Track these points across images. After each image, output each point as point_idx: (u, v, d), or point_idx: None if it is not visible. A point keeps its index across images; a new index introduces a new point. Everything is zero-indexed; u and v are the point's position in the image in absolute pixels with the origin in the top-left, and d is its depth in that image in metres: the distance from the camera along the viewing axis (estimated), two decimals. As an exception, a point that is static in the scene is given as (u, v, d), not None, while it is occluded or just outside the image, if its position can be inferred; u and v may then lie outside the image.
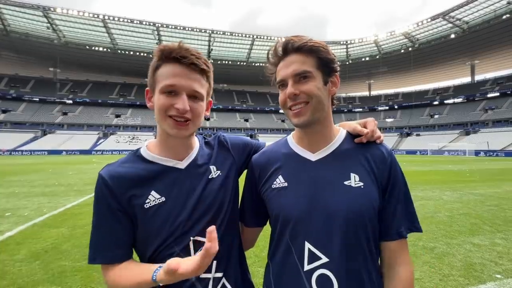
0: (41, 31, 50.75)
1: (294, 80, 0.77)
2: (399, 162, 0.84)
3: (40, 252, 3.55)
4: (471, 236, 4.18)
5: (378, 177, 0.79)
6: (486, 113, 52.70)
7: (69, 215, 5.49)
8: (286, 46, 0.78)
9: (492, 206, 6.22)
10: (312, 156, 0.83)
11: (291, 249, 0.77)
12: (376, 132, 0.85)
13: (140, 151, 0.85)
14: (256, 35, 56.86)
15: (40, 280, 2.81)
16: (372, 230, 0.77)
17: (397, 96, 73.51)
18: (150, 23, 51.05)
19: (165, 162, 0.82)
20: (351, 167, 0.79)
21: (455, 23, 48.92)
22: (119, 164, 0.81)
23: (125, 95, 67.73)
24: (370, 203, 0.76)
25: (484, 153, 38.91)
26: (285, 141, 0.91)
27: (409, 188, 0.83)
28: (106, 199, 0.76)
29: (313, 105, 0.77)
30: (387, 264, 0.80)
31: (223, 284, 0.82)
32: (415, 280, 2.76)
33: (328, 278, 0.72)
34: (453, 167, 17.98)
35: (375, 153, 0.82)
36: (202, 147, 0.92)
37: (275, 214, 0.81)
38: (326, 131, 0.83)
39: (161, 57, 0.77)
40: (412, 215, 0.81)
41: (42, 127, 54.06)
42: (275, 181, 0.83)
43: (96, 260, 0.76)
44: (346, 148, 0.83)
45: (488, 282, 2.76)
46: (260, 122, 68.46)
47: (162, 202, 0.78)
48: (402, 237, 0.78)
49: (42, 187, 9.19)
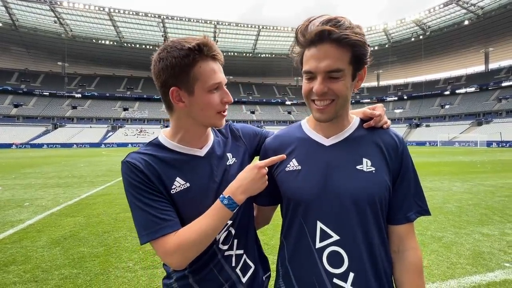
0: (48, 26, 51.29)
1: (325, 76, 0.73)
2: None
3: (59, 239, 3.74)
4: (480, 226, 4.17)
5: (390, 163, 0.81)
6: (499, 103, 51.01)
7: (84, 205, 5.71)
8: (323, 33, 0.69)
9: (503, 197, 6.14)
10: (326, 141, 0.85)
11: (304, 228, 0.82)
12: (383, 117, 0.88)
13: (159, 140, 0.87)
14: (262, 25, 56.06)
15: (62, 264, 2.98)
16: (382, 213, 0.80)
17: (406, 86, 71.77)
18: (155, 15, 50.86)
19: (185, 150, 0.85)
20: (364, 153, 0.82)
21: (469, 9, 46.91)
22: (141, 152, 0.82)
23: (132, 88, 68.29)
24: (380, 187, 0.79)
25: (496, 144, 37.96)
26: (299, 125, 0.94)
27: (418, 175, 0.86)
28: (141, 179, 0.76)
29: (339, 104, 0.76)
30: (395, 249, 0.83)
31: (244, 260, 0.90)
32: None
33: (339, 254, 0.77)
34: (464, 158, 17.66)
35: (387, 141, 0.84)
36: (217, 135, 0.97)
37: (288, 195, 0.85)
38: (341, 119, 0.85)
39: (196, 54, 0.75)
40: (421, 198, 0.84)
41: (53, 121, 55.30)
42: (289, 164, 0.86)
43: (151, 235, 0.73)
44: (359, 135, 0.85)
45: (496, 270, 2.78)
46: (267, 114, 68.22)
47: (187, 187, 0.81)
48: (410, 221, 0.81)
49: (56, 178, 9.51)
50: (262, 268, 0.98)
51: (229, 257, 0.87)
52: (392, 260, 0.83)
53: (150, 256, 3.18)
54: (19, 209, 5.40)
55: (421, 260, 0.82)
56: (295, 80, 78.67)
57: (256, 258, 0.96)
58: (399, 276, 0.82)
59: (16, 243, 3.60)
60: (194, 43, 0.74)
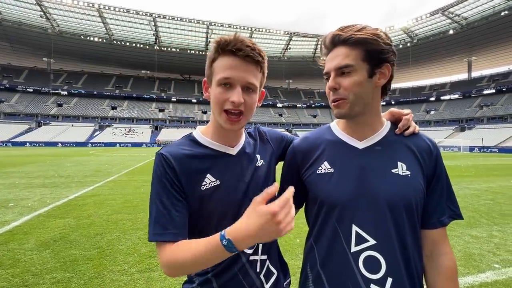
0: (34, 20, 49.56)
1: (336, 73, 0.78)
2: None
3: (49, 241, 3.59)
4: (469, 228, 4.31)
5: (425, 168, 0.82)
6: (481, 110, 53.28)
7: (73, 206, 5.52)
8: (333, 38, 0.79)
9: (488, 200, 6.39)
10: (359, 144, 0.85)
11: (338, 232, 0.80)
12: (411, 120, 0.89)
13: (194, 135, 0.88)
14: (255, 27, 56.29)
15: (53, 268, 2.86)
16: (417, 217, 0.80)
17: (394, 92, 73.75)
18: (146, 13, 50.07)
19: (218, 147, 0.86)
20: (398, 156, 0.82)
21: (454, 19, 48.89)
22: (177, 145, 0.84)
23: (121, 87, 66.85)
24: (416, 191, 0.78)
25: (478, 149, 39.51)
26: (328, 127, 0.94)
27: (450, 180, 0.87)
28: (170, 177, 0.77)
29: (351, 101, 0.78)
30: (428, 254, 0.82)
31: (267, 266, 0.89)
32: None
33: (376, 259, 0.75)
34: (449, 162, 18.27)
35: (421, 145, 0.84)
36: (247, 136, 0.97)
37: (321, 198, 0.83)
38: (372, 120, 0.84)
39: (217, 49, 0.78)
40: (454, 203, 0.84)
41: (37, 118, 53.30)
42: (320, 167, 0.85)
43: (163, 236, 0.74)
44: (392, 138, 0.85)
45: (487, 271, 2.88)
46: (257, 115, 68.16)
47: (217, 185, 0.82)
48: (444, 225, 0.82)
49: (42, 178, 9.16)
50: (283, 275, 0.98)
51: (254, 262, 0.85)
52: (425, 266, 0.82)
53: (146, 258, 3.10)
54: (3, 209, 5.16)
55: (455, 264, 0.81)
56: (286, 83, 79.34)
57: (277, 264, 0.95)
58: (433, 281, 0.81)
59: (2, 246, 3.43)
60: (220, 38, 0.78)
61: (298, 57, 66.94)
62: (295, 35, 60.01)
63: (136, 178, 9.56)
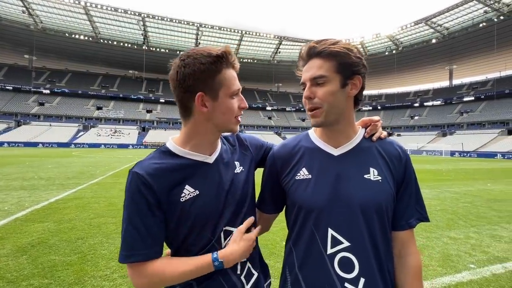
0: (15, 15, 47.69)
1: (311, 83, 0.84)
2: None
3: (26, 246, 3.44)
4: (448, 230, 4.49)
5: (395, 173, 0.87)
6: (461, 116, 55.65)
7: (54, 209, 5.32)
8: (309, 51, 0.85)
9: (466, 203, 6.68)
10: (334, 151, 0.89)
11: (315, 235, 0.85)
12: (379, 126, 0.98)
13: (168, 147, 0.87)
14: (245, 31, 56.50)
15: (30, 274, 2.74)
16: (387, 219, 0.85)
17: (380, 97, 75.92)
18: (135, 12, 49.27)
19: (194, 157, 0.86)
20: (370, 163, 0.87)
21: (436, 29, 51.09)
22: (150, 160, 0.82)
23: (107, 86, 65.20)
24: (387, 195, 0.84)
25: (458, 154, 41.16)
26: (307, 134, 0.98)
27: (419, 185, 0.94)
28: (144, 196, 0.77)
29: (325, 110, 0.83)
30: (397, 254, 0.89)
31: (248, 267, 0.91)
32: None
33: (350, 260, 0.81)
34: (431, 166, 18.95)
35: (392, 152, 0.90)
36: (224, 143, 0.98)
37: (299, 203, 0.87)
38: (345, 129, 0.89)
39: (222, 63, 0.80)
40: (422, 207, 0.91)
41: (16, 117, 51.06)
42: (299, 173, 0.89)
43: (132, 258, 0.75)
44: (365, 145, 0.90)
45: (463, 271, 3.01)
46: (247, 118, 68.30)
47: (196, 195, 0.82)
48: (411, 227, 0.88)
49: (20, 180, 8.77)
50: (263, 276, 1.00)
51: (235, 265, 0.87)
52: (394, 264, 0.88)
53: (129, 263, 3.03)
54: (-23, 213, 4.91)
55: (420, 264, 0.88)
56: (276, 86, 79.97)
57: (257, 265, 0.98)
58: (401, 278, 0.87)
59: (-26, 252, 3.26)
60: (220, 51, 0.80)
61: (288, 61, 67.67)
62: (284, 39, 60.72)
63: (121, 180, 9.32)
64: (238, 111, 0.86)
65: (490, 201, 6.86)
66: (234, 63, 0.85)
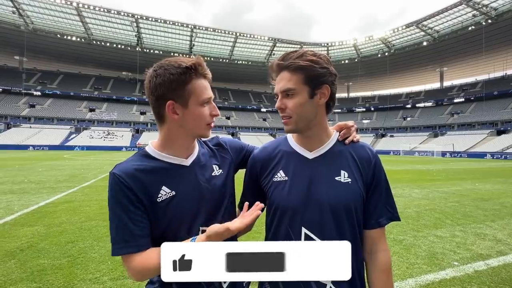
0: (5, 16, 46.85)
1: (282, 95, 0.90)
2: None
3: (15, 251, 3.41)
4: (435, 229, 4.61)
5: (364, 175, 0.93)
6: (452, 117, 56.78)
7: (44, 213, 5.26)
8: (278, 64, 0.90)
9: (454, 202, 6.84)
10: (309, 154, 0.95)
11: (289, 234, 0.90)
12: (353, 130, 1.03)
13: (146, 151, 0.92)
14: (239, 32, 56.65)
15: (19, 278, 2.73)
16: (357, 219, 0.91)
17: (373, 99, 76.82)
18: (128, 14, 48.96)
19: (172, 160, 0.91)
20: (342, 165, 0.93)
21: (427, 32, 52.13)
22: (129, 162, 0.88)
23: (100, 88, 64.44)
24: (356, 196, 0.90)
25: (449, 154, 41.96)
26: (285, 139, 1.04)
27: (390, 184, 0.98)
28: (125, 193, 0.82)
29: (295, 119, 0.89)
30: (368, 251, 0.95)
31: None
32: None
33: None
34: (422, 167, 19.29)
35: (362, 155, 0.96)
36: (203, 146, 1.03)
37: (276, 204, 0.93)
38: (318, 134, 0.95)
39: (191, 73, 0.85)
40: (392, 206, 0.96)
41: (6, 119, 50.06)
42: (276, 175, 0.95)
43: (123, 250, 0.80)
44: (338, 149, 0.96)
45: (447, 269, 3.11)
46: (242, 120, 68.46)
47: (173, 195, 0.87)
48: (381, 226, 0.93)
49: (9, 184, 8.63)
50: None
51: None
52: (366, 261, 0.94)
53: (119, 266, 3.04)
54: (-36, 218, 4.83)
55: (390, 260, 0.94)
56: (270, 88, 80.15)
57: None
58: (371, 275, 0.93)
59: (-39, 257, 3.22)
60: (190, 63, 0.84)
61: (282, 63, 67.86)
62: (279, 41, 61.05)
63: (113, 183, 9.25)
64: (210, 118, 0.90)
65: (477, 200, 7.05)
66: (206, 73, 0.89)
